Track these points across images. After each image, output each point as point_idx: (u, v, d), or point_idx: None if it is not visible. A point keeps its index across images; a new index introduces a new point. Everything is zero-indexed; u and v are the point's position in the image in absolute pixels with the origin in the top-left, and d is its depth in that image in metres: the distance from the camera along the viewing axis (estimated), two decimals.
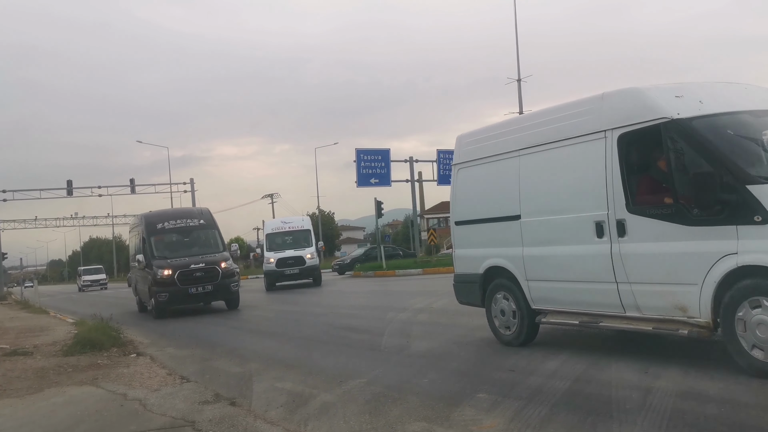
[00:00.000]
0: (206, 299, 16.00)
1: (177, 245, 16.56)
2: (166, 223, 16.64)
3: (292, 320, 13.00)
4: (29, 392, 6.74)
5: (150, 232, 16.52)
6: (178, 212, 17.66)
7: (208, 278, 15.32)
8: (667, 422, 4.10)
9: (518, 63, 39.63)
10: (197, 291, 15.30)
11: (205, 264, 15.45)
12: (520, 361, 6.35)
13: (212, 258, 15.81)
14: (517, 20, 30.39)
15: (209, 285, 15.31)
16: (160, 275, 15.16)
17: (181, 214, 17.55)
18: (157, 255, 15.90)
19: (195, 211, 17.78)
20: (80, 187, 46.70)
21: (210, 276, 15.36)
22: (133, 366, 8.06)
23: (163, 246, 16.39)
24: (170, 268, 15.21)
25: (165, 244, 16.49)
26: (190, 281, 15.19)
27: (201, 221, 17.02)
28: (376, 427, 4.62)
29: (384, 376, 6.29)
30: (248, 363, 7.86)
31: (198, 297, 15.58)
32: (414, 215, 46.17)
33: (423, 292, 15.92)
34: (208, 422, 5.08)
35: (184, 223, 16.77)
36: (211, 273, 15.39)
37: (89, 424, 5.38)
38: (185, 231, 16.81)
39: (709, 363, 5.53)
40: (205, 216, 17.33)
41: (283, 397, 5.78)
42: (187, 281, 15.15)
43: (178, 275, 15.09)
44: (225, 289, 15.66)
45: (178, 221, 16.81)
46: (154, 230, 16.58)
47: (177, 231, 16.76)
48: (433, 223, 78.15)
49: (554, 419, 4.39)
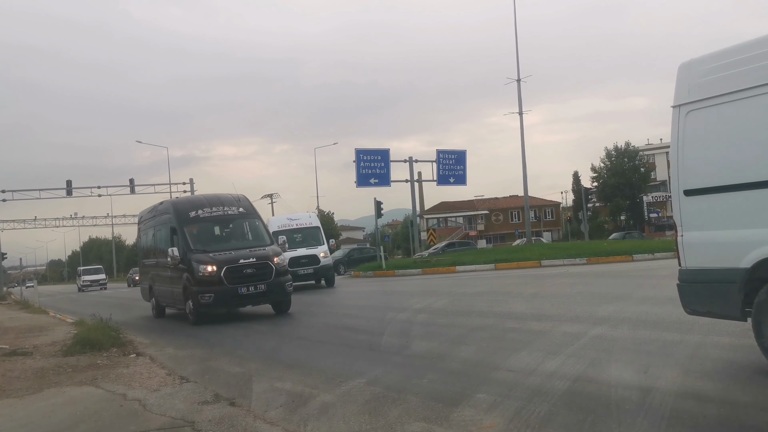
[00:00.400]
0: (258, 301, 13.19)
1: (216, 237, 13.97)
2: (200, 211, 13.85)
3: (291, 320, 12.99)
4: (29, 392, 6.74)
5: (182, 220, 13.67)
6: (212, 199, 14.47)
7: (260, 276, 12.67)
8: (666, 422, 4.10)
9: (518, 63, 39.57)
10: (248, 291, 12.57)
11: (255, 259, 12.78)
12: (520, 361, 6.35)
13: (262, 252, 13.14)
14: (516, 21, 30.38)
15: (262, 284, 12.63)
16: (202, 272, 12.48)
17: (216, 200, 14.42)
18: (195, 248, 13.09)
19: (231, 197, 14.79)
20: (80, 187, 46.79)
21: (262, 273, 12.71)
22: (132, 366, 8.06)
23: (200, 238, 13.53)
24: (215, 264, 12.53)
25: (202, 236, 13.65)
26: (240, 279, 12.53)
27: (240, 209, 14.32)
28: (376, 427, 4.62)
29: (384, 376, 6.28)
30: (248, 363, 7.86)
31: (249, 298, 12.83)
32: (413, 215, 46.16)
33: (422, 293, 15.92)
34: (207, 422, 5.08)
35: (222, 212, 14.05)
36: (263, 269, 12.75)
37: (89, 425, 5.37)
38: (224, 220, 14.14)
39: (709, 363, 5.53)
40: (243, 203, 14.61)
41: (283, 398, 5.78)
42: (235, 279, 12.48)
43: (225, 272, 12.41)
44: (280, 290, 13.03)
45: (214, 209, 14.03)
46: (186, 219, 13.71)
47: (214, 220, 14.03)
48: (433, 223, 78.18)
49: (554, 419, 4.39)
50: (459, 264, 26.32)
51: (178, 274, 13.40)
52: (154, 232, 15.92)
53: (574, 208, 75.71)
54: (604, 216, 69.01)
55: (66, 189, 45.60)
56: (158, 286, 15.44)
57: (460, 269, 25.25)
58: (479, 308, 11.47)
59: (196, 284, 12.57)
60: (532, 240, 52.18)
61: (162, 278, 14.95)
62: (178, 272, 13.39)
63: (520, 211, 70.68)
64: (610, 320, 8.26)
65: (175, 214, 13.96)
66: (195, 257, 12.83)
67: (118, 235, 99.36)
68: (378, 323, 10.29)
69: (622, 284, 13.60)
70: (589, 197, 66.70)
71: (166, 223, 14.51)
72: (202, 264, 12.63)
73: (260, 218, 14.73)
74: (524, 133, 39.19)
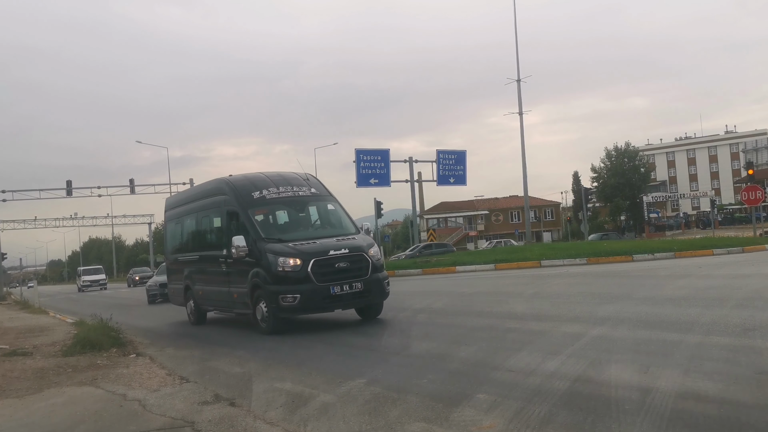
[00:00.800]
0: (353, 303, 10.36)
1: (290, 224, 11.34)
2: (265, 192, 11.18)
3: (291, 320, 12.98)
4: (29, 392, 6.74)
5: (246, 203, 10.98)
6: (275, 177, 11.75)
7: (354, 272, 10.10)
8: (666, 422, 4.10)
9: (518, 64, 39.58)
10: (341, 291, 9.94)
11: (348, 250, 10.14)
12: (520, 361, 6.35)
13: (354, 242, 10.48)
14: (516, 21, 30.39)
15: (358, 282, 10.04)
16: (282, 267, 9.85)
17: (280, 179, 11.69)
18: (267, 237, 10.48)
19: (297, 176, 12.07)
20: (80, 188, 46.92)
21: (357, 268, 10.15)
22: (132, 366, 8.06)
23: (270, 225, 11.10)
24: (299, 257, 9.88)
25: (273, 223, 11.26)
26: (331, 276, 9.92)
27: (311, 189, 11.67)
28: (376, 427, 4.62)
29: (384, 376, 6.28)
30: (248, 363, 7.86)
31: (342, 300, 10.07)
32: (413, 215, 46.20)
33: (422, 293, 15.92)
34: (207, 423, 5.08)
35: (292, 192, 11.38)
36: (358, 263, 10.18)
37: (88, 425, 5.37)
38: (296, 203, 11.46)
39: (709, 363, 5.53)
40: (313, 183, 11.93)
41: (283, 398, 5.78)
42: (326, 276, 9.88)
43: (314, 266, 9.80)
44: (379, 289, 10.38)
45: (282, 189, 11.34)
46: (250, 201, 11.01)
47: (285, 203, 11.36)
48: (433, 223, 78.22)
49: (554, 419, 4.39)
50: (459, 264, 26.34)
51: (241, 269, 10.74)
52: (196, 220, 13.10)
53: (574, 208, 75.81)
54: (604, 216, 69.05)
55: (66, 189, 45.67)
56: (202, 286, 12.65)
57: (460, 269, 25.25)
58: (479, 308, 11.47)
59: (275, 282, 9.91)
60: (502, 243, 52.07)
61: (209, 276, 12.20)
62: (241, 268, 10.70)
63: (520, 211, 70.71)
64: (610, 320, 8.26)
65: (235, 195, 11.20)
66: (270, 248, 10.15)
67: (118, 235, 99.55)
68: (378, 323, 10.29)
69: (622, 284, 13.60)
70: (589, 197, 66.75)
71: (219, 206, 11.75)
72: (281, 256, 9.94)
73: (337, 200, 11.92)
74: (524, 133, 39.23)
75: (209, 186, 12.71)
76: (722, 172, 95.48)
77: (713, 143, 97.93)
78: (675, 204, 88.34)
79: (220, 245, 11.50)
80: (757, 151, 66.90)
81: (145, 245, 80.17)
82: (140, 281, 42.43)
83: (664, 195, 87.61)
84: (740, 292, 9.88)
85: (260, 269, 10.17)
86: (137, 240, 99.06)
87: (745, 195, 29.73)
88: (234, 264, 10.88)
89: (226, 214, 11.38)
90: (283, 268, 9.87)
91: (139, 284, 42.03)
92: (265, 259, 10.08)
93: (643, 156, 69.53)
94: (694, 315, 8.02)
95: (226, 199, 11.43)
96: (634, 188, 64.66)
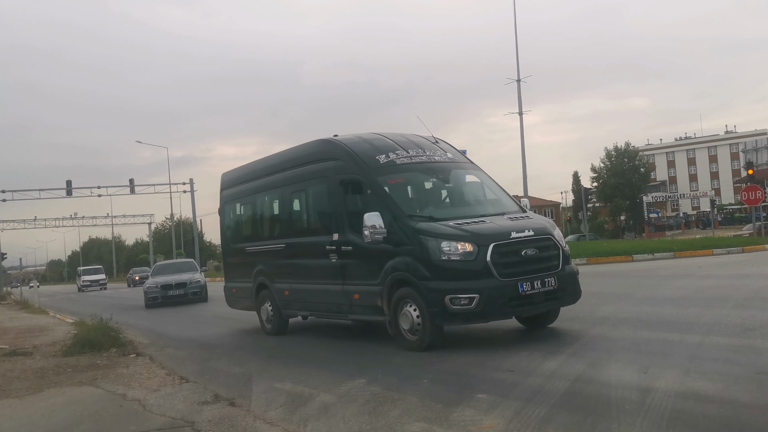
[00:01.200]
0: (545, 305, 7.56)
1: (435, 198, 8.63)
2: (393, 155, 8.41)
3: (291, 320, 12.98)
4: (28, 392, 6.75)
5: (373, 169, 8.22)
6: (400, 139, 8.93)
7: (545, 262, 7.44)
8: (666, 422, 4.10)
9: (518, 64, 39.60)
10: (533, 289, 7.19)
11: (533, 232, 7.47)
12: (520, 361, 6.35)
13: (535, 222, 7.85)
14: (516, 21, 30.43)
15: (551, 277, 7.33)
16: (449, 254, 7.16)
17: (407, 141, 8.91)
18: (410, 213, 7.82)
19: (425, 138, 9.24)
20: (79, 188, 46.84)
21: (547, 257, 7.50)
22: (132, 366, 8.06)
23: (411, 199, 8.32)
24: (471, 241, 7.18)
25: (414, 196, 8.44)
26: (518, 268, 7.24)
27: (448, 154, 9.01)
28: (376, 427, 4.62)
29: (384, 376, 6.28)
30: (248, 363, 7.86)
31: (534, 302, 7.30)
32: None
33: None
34: (207, 423, 5.08)
35: (426, 157, 8.64)
36: (548, 251, 7.55)
37: (88, 425, 5.37)
38: (437, 171, 8.72)
39: (709, 363, 5.53)
40: (447, 148, 9.23)
41: (283, 398, 5.78)
42: (511, 268, 7.19)
43: (494, 254, 7.09)
44: (573, 286, 7.71)
45: (412, 152, 8.58)
46: (378, 167, 8.24)
47: (423, 171, 8.62)
48: None
49: (554, 419, 4.39)
50: None
51: (367, 260, 7.99)
52: (281, 196, 10.06)
53: (574, 208, 75.76)
54: (604, 216, 69.06)
55: (66, 189, 45.65)
56: (290, 284, 9.65)
57: None
58: None
59: (437, 276, 7.18)
60: None
61: (306, 270, 9.22)
62: (368, 258, 7.95)
63: None
64: (610, 320, 8.26)
65: (354, 160, 8.35)
66: (425, 228, 7.46)
67: (118, 235, 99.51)
68: (378, 325, 10.28)
69: (622, 284, 13.60)
70: (589, 197, 66.70)
71: (326, 175, 8.74)
72: (446, 239, 7.22)
73: (481, 169, 9.27)
74: (524, 133, 39.16)
75: (305, 150, 9.48)
76: (722, 172, 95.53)
77: (713, 143, 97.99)
78: (675, 204, 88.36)
79: (325, 228, 8.72)
80: (757, 151, 66.90)
81: (145, 245, 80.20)
82: (140, 281, 42.41)
83: (664, 195, 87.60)
84: (740, 292, 9.88)
85: (407, 258, 7.41)
86: (137, 240, 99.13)
87: (745, 195, 29.74)
88: (355, 253, 8.13)
89: (340, 186, 8.45)
90: (449, 256, 7.13)
91: (138, 284, 42.01)
92: (417, 244, 7.34)
93: (643, 156, 69.50)
94: (694, 315, 8.02)
95: (340, 165, 8.51)
96: (634, 188, 64.62)
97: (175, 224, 65.23)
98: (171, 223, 68.29)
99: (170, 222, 69.52)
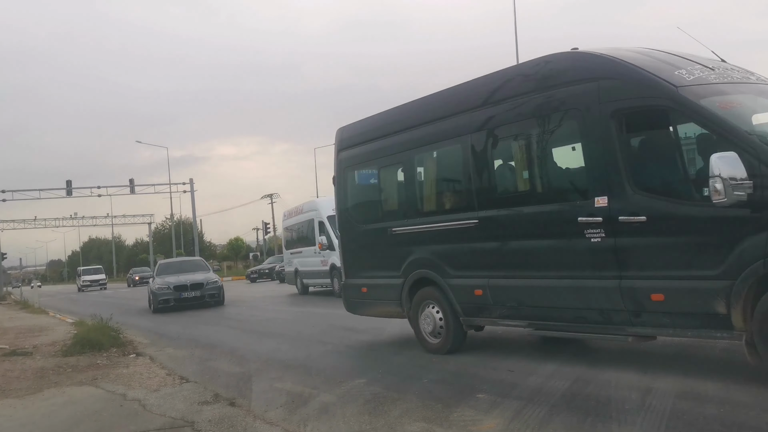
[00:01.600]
0: None
1: None
2: (698, 72, 5.51)
3: (291, 320, 12.99)
4: (29, 392, 6.75)
5: (684, 90, 5.11)
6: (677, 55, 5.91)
7: None
8: (666, 423, 4.10)
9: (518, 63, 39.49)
10: None
11: None
12: (520, 361, 6.35)
13: None
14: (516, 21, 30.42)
15: None
16: None
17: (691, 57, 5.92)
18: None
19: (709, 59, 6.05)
20: (79, 187, 46.79)
21: None
22: (132, 366, 8.06)
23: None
24: None
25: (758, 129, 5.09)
26: None
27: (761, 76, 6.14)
28: (376, 427, 4.62)
29: (384, 376, 6.28)
30: (248, 363, 7.86)
31: None
32: None
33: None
34: (207, 422, 5.08)
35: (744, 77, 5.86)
36: None
37: (88, 425, 5.38)
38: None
39: (708, 363, 5.53)
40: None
41: (283, 398, 5.78)
42: None
43: None
44: None
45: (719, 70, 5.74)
46: (689, 88, 5.16)
47: (756, 92, 5.69)
48: None
49: (554, 419, 4.39)
50: None
51: (692, 233, 4.92)
52: (469, 147, 6.75)
53: None
54: None
55: (66, 189, 45.62)
56: (494, 278, 6.54)
57: None
58: None
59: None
60: None
61: (530, 256, 6.16)
62: (694, 230, 4.90)
63: None
64: None
65: (641, 78, 5.34)
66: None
67: (118, 235, 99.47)
68: (378, 323, 10.28)
69: None
70: None
71: (579, 105, 5.69)
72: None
73: None
74: None
75: (527, 71, 6.38)
76: None
77: None
78: None
79: (576, 191, 5.87)
80: None
81: (145, 245, 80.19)
82: (140, 281, 42.46)
83: None
84: None
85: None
86: (137, 240, 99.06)
87: None
88: (650, 226, 5.13)
89: (611, 120, 5.43)
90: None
91: (139, 284, 42.06)
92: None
93: None
94: None
95: (612, 88, 5.48)
96: None
97: (175, 224, 65.26)
98: (171, 223, 68.33)
99: (170, 222, 69.56)
